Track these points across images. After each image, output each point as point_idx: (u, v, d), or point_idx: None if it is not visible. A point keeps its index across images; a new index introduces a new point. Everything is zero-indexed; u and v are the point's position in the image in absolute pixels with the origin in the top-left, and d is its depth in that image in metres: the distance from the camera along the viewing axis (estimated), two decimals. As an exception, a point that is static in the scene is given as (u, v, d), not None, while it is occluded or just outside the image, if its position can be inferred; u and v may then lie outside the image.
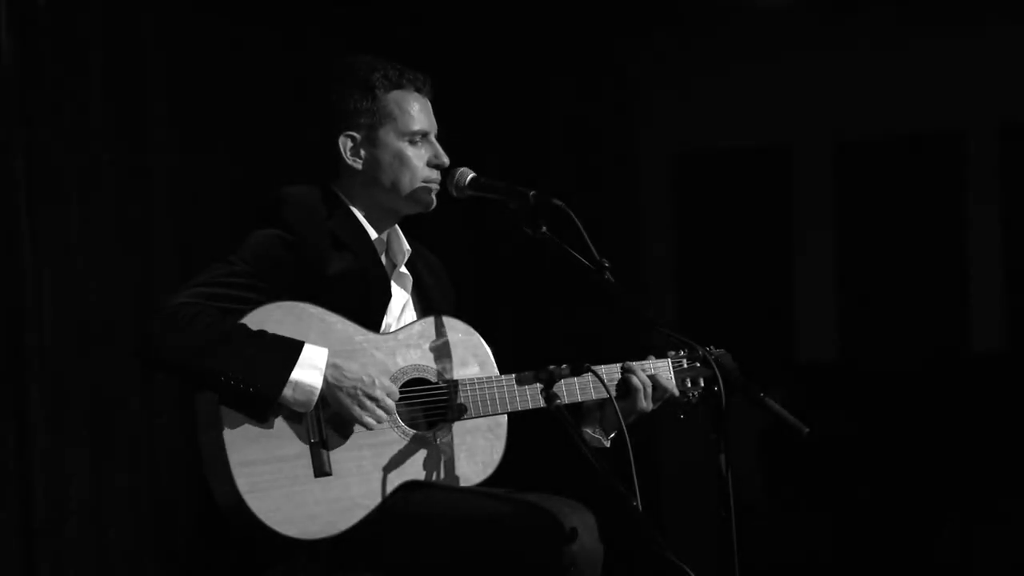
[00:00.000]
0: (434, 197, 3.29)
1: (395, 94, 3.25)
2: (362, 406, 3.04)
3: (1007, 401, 6.64)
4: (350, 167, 3.25)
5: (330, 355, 3.03)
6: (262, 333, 3.01)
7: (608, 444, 3.33)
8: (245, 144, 5.50)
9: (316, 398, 3.02)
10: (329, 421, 3.07)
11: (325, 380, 3.02)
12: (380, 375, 3.08)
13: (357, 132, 3.24)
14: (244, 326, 3.00)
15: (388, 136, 3.24)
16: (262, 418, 3.00)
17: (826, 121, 7.37)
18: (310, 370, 3.01)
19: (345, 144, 3.24)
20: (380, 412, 3.06)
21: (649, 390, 3.29)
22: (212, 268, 3.07)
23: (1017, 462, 6.50)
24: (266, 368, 2.97)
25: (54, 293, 4.76)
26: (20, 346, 4.67)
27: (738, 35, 7.24)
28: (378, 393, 3.05)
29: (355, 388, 3.04)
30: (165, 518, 5.11)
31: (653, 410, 3.32)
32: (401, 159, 3.24)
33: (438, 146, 3.28)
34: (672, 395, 3.33)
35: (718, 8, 7.16)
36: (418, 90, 3.27)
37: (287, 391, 2.99)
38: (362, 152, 3.25)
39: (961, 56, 6.99)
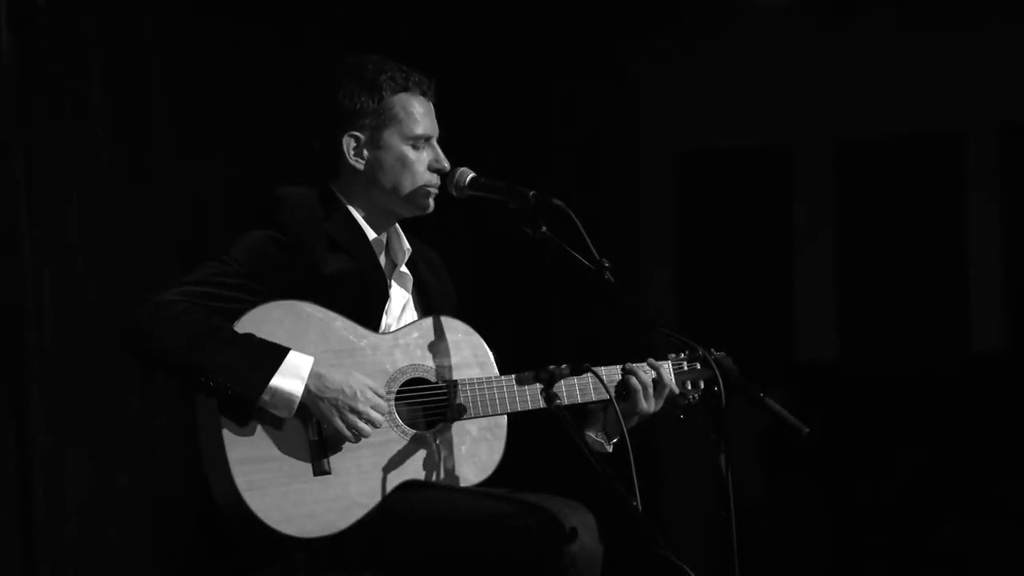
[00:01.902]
0: (432, 202, 3.29)
1: (401, 96, 3.25)
2: (343, 418, 3.03)
3: (1007, 401, 6.64)
4: (351, 167, 3.25)
5: (315, 364, 3.02)
6: (249, 336, 3.00)
7: (610, 448, 3.32)
8: (245, 144, 5.49)
9: (296, 406, 3.01)
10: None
11: (307, 389, 3.01)
12: (366, 385, 3.06)
13: (361, 133, 3.24)
14: (230, 327, 3.00)
15: (392, 138, 3.24)
16: (242, 421, 2.99)
17: (826, 121, 7.37)
18: (292, 378, 3.00)
19: (348, 144, 3.24)
20: (362, 425, 3.04)
21: (651, 390, 3.29)
22: (204, 266, 3.07)
23: (1017, 462, 6.50)
24: (247, 371, 2.97)
25: (54, 293, 4.76)
26: (20, 346, 4.66)
27: (738, 35, 7.24)
28: (360, 406, 3.04)
29: (336, 399, 3.03)
30: (165, 518, 5.10)
31: (656, 411, 3.32)
32: (403, 162, 3.25)
33: (439, 150, 3.29)
34: (672, 391, 3.33)
35: (718, 8, 7.17)
36: (423, 93, 3.28)
37: (265, 396, 2.98)
38: (365, 153, 3.25)
39: (961, 56, 6.99)
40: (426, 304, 3.34)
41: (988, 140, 7.14)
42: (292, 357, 3.00)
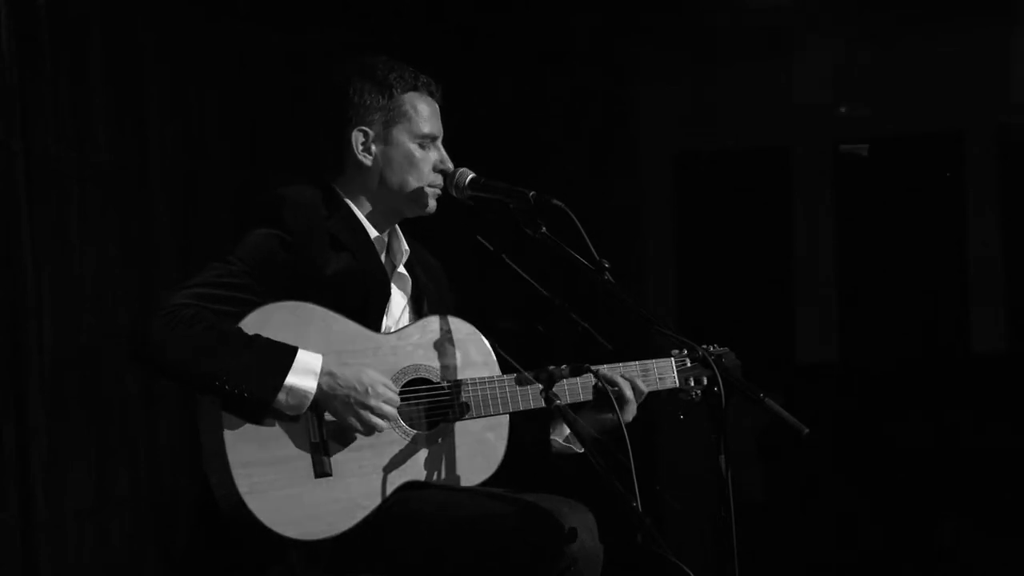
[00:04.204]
0: (434, 203, 3.30)
1: (411, 95, 3.28)
2: (357, 415, 3.04)
3: (1007, 401, 6.65)
4: (358, 162, 3.26)
5: (325, 362, 3.03)
6: (257, 337, 3.01)
7: (581, 450, 3.32)
8: (246, 144, 5.50)
9: (309, 403, 3.02)
10: (329, 422, 3.07)
11: (320, 387, 3.02)
12: (378, 380, 3.08)
13: (370, 128, 3.26)
14: (240, 330, 3.01)
15: (401, 136, 3.26)
16: (257, 421, 3.00)
17: (825, 121, 7.37)
18: (305, 375, 3.01)
19: (357, 139, 3.26)
20: (376, 420, 3.06)
21: (628, 395, 3.30)
22: (209, 268, 3.07)
23: (1017, 462, 6.51)
24: (261, 373, 2.97)
25: (54, 293, 4.76)
26: (20, 346, 4.67)
27: (738, 35, 7.24)
28: (372, 402, 3.05)
29: (349, 396, 3.04)
30: (165, 518, 5.11)
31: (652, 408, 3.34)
32: (411, 160, 3.26)
33: (444, 151, 3.31)
34: (638, 395, 3.34)
35: (718, 8, 7.17)
36: (431, 94, 3.31)
37: (281, 396, 2.99)
38: (373, 148, 3.26)
39: (960, 57, 7.00)
40: (420, 308, 3.34)
41: (987, 141, 7.15)
42: (302, 355, 3.02)
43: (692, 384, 3.39)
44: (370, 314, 3.18)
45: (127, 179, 5.06)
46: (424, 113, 3.28)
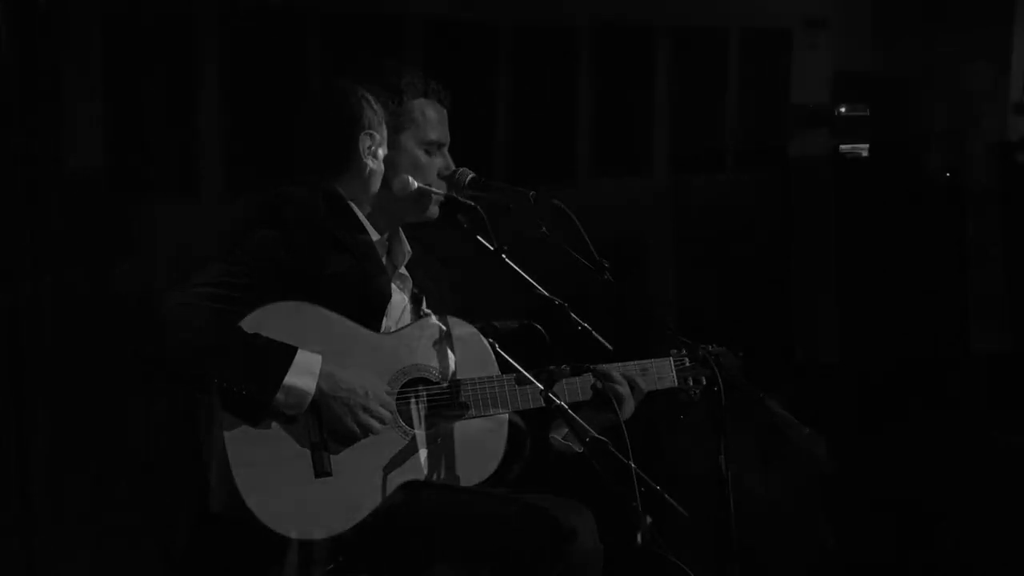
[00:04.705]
0: (437, 209, 3.30)
1: (420, 101, 3.28)
2: (355, 417, 3.05)
3: (1007, 401, 6.65)
4: (363, 166, 3.26)
5: (324, 362, 3.03)
6: (257, 337, 3.01)
7: (581, 449, 3.32)
8: (247, 144, 5.50)
9: (308, 403, 3.02)
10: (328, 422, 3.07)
11: (319, 388, 3.02)
12: (376, 382, 3.08)
13: (378, 132, 3.26)
14: (240, 329, 3.01)
15: (408, 141, 3.27)
16: (254, 421, 3.00)
17: (825, 122, 7.38)
18: (304, 375, 3.01)
19: (364, 142, 3.26)
20: (374, 423, 3.06)
21: (624, 393, 3.30)
22: (210, 268, 3.07)
23: (1017, 463, 6.51)
24: (260, 372, 2.98)
25: (54, 293, 4.76)
26: (20, 346, 4.67)
27: (738, 34, 7.25)
28: (372, 404, 3.06)
29: (348, 399, 3.04)
30: (165, 518, 5.11)
31: (650, 408, 3.34)
32: (416, 166, 3.27)
33: (449, 159, 3.31)
34: (639, 393, 3.34)
35: (718, 7, 7.18)
36: (440, 101, 3.31)
37: (280, 395, 2.99)
38: (379, 153, 3.27)
39: (959, 59, 7.00)
40: (420, 308, 3.34)
41: (986, 141, 7.16)
42: (301, 355, 3.02)
43: (691, 384, 3.39)
44: (369, 315, 3.18)
45: (127, 179, 5.06)
46: (432, 120, 3.28)
